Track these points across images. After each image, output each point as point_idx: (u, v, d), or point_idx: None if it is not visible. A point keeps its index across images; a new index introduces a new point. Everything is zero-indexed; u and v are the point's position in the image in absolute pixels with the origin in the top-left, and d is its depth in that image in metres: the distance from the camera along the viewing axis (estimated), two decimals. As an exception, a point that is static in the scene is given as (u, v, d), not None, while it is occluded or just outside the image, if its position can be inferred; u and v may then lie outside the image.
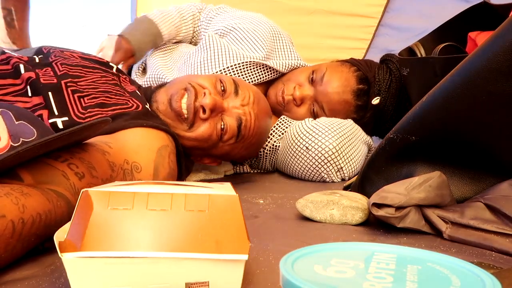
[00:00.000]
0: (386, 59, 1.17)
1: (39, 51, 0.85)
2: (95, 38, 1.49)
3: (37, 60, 0.79)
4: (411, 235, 0.56)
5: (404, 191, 0.55)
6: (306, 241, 0.54)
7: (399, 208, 0.55)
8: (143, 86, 1.10)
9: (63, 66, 0.79)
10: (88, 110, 0.73)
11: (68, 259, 0.33)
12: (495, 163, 0.59)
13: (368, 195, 0.66)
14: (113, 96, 0.79)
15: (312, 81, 1.15)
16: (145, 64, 1.26)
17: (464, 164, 0.62)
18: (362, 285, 0.24)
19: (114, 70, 0.89)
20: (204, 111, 0.82)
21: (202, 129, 0.84)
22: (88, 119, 0.72)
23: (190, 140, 0.85)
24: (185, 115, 0.83)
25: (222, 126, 0.84)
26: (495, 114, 0.55)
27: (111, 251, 0.34)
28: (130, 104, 0.80)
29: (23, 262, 0.45)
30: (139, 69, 1.27)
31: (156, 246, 0.35)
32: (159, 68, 1.18)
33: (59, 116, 0.70)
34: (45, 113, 0.69)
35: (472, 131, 0.58)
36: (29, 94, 0.71)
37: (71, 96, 0.74)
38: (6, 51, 0.78)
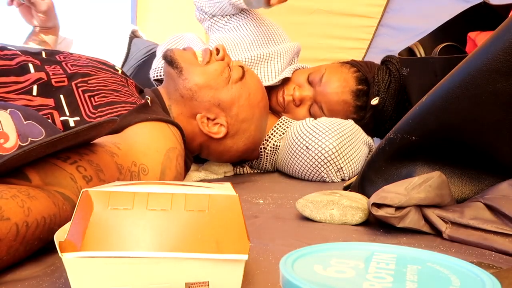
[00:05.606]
0: (387, 60, 1.18)
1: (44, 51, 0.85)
2: (95, 39, 1.48)
3: (43, 55, 0.79)
4: (411, 235, 0.56)
5: (404, 191, 0.55)
6: (306, 241, 0.54)
7: (399, 208, 0.55)
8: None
9: (73, 66, 0.78)
10: (99, 110, 0.73)
11: (68, 259, 0.33)
12: (495, 163, 0.59)
13: (368, 195, 0.66)
14: (122, 96, 0.79)
15: (311, 82, 1.16)
16: None
17: (464, 164, 0.62)
18: (362, 285, 0.24)
19: (120, 72, 0.89)
20: (218, 52, 0.94)
21: (215, 65, 0.92)
22: (99, 118, 0.72)
23: (203, 75, 0.89)
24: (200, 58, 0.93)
25: (230, 70, 0.93)
26: (495, 114, 0.55)
27: (111, 251, 0.34)
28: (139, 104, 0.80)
29: (24, 262, 0.45)
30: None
31: (156, 246, 0.34)
32: None
33: (70, 117, 0.70)
34: (55, 113, 0.69)
35: (472, 131, 0.58)
36: (34, 93, 0.70)
37: (82, 96, 0.73)
38: (10, 47, 0.77)
